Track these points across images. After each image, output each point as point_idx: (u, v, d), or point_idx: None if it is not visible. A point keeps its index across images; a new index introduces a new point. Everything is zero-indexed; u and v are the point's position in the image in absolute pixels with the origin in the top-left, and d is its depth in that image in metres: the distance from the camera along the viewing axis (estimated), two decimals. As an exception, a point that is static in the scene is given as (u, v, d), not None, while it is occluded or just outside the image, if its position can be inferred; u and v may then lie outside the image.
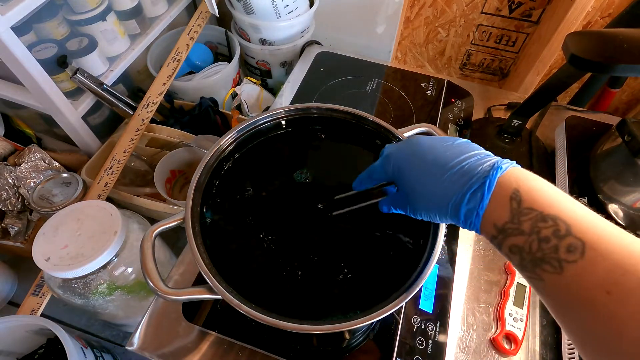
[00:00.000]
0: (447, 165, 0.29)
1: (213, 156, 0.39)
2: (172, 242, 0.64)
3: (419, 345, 0.44)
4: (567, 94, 0.98)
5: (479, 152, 0.29)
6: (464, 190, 0.28)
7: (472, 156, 0.29)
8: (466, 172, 0.28)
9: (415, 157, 0.32)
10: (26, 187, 0.60)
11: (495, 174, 0.27)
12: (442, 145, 0.31)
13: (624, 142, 0.51)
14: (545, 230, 0.24)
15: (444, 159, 0.30)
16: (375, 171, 0.35)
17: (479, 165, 0.28)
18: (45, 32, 0.59)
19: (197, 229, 0.34)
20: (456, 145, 0.31)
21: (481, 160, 0.28)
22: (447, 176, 0.29)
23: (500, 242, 0.27)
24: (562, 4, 0.80)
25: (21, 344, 0.54)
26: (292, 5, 0.78)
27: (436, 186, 0.29)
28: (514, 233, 0.25)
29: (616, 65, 0.43)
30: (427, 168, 0.30)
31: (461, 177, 0.28)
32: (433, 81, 0.74)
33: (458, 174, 0.28)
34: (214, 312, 0.46)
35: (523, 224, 0.25)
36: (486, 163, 0.28)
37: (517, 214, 0.25)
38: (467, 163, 0.28)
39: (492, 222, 0.27)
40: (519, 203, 0.25)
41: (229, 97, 0.85)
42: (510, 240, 0.26)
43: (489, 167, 0.27)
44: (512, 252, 0.26)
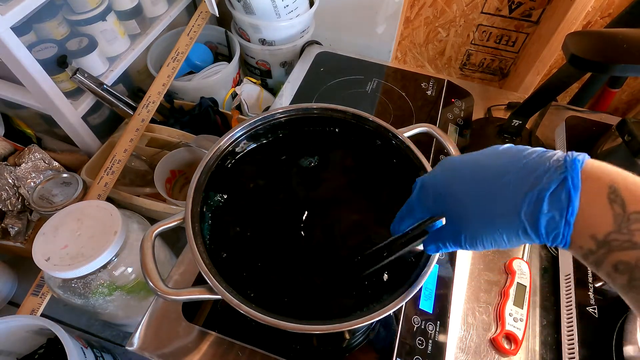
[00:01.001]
0: (502, 169, 0.23)
1: (213, 156, 0.39)
2: (172, 242, 0.64)
3: (419, 345, 0.44)
4: (567, 94, 0.98)
5: (534, 149, 0.23)
6: (537, 190, 0.21)
7: (530, 153, 0.23)
8: (532, 169, 0.22)
9: (458, 174, 0.26)
10: (26, 187, 0.60)
11: (576, 166, 0.20)
12: (484, 154, 0.25)
13: (624, 142, 0.51)
14: None
15: (495, 165, 0.24)
16: (413, 207, 0.29)
17: (546, 159, 0.22)
18: (45, 32, 0.59)
19: (197, 229, 0.34)
20: (501, 149, 0.25)
21: (545, 154, 0.22)
22: (508, 179, 0.22)
23: (600, 259, 0.20)
24: (562, 4, 0.80)
25: (21, 344, 0.54)
26: (292, 5, 0.78)
27: (495, 196, 0.23)
28: (623, 246, 0.19)
29: (616, 65, 0.43)
30: (477, 180, 0.24)
31: (528, 176, 0.22)
32: (433, 81, 0.74)
33: (522, 174, 0.22)
34: (214, 312, 0.46)
35: (635, 234, 0.19)
36: (553, 157, 0.22)
37: (625, 221, 0.19)
38: (528, 160, 0.22)
39: (590, 233, 0.20)
40: (622, 206, 0.19)
41: (229, 97, 0.85)
42: (616, 256, 0.20)
43: (559, 161, 0.21)
44: (619, 271, 0.20)
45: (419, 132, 0.43)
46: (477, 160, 0.25)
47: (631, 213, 0.19)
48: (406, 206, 0.30)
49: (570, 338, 0.44)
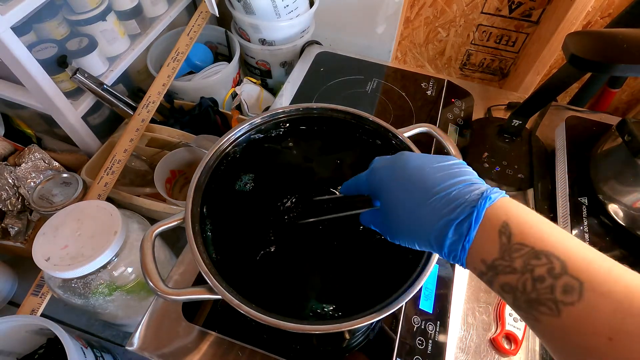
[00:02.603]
0: (433, 189, 0.27)
1: (213, 156, 0.39)
2: (172, 242, 0.64)
3: (419, 345, 0.44)
4: (567, 94, 0.98)
5: (468, 178, 0.27)
6: (449, 219, 0.26)
7: (461, 182, 0.27)
8: (453, 199, 0.26)
9: (401, 175, 0.29)
10: (26, 187, 0.60)
11: (483, 204, 0.25)
12: (431, 166, 0.28)
13: (624, 142, 0.51)
14: (539, 269, 0.22)
15: (431, 181, 0.27)
16: (360, 182, 0.33)
17: (467, 192, 0.26)
18: (45, 32, 0.59)
19: (197, 229, 0.34)
20: (446, 166, 0.28)
21: (470, 187, 0.26)
22: (432, 201, 0.27)
23: (490, 280, 0.25)
24: (562, 4, 0.80)
25: (21, 344, 0.54)
26: (292, 5, 0.78)
27: (419, 211, 0.27)
28: (506, 271, 0.23)
29: (616, 65, 0.43)
30: (411, 190, 0.28)
31: (447, 205, 0.26)
32: (433, 81, 0.74)
33: (444, 201, 0.26)
34: (214, 312, 0.46)
35: (515, 261, 0.23)
36: (475, 191, 0.26)
37: (508, 250, 0.23)
38: (456, 189, 0.26)
39: (480, 258, 0.25)
40: (508, 237, 0.24)
41: (229, 97, 0.85)
42: (501, 279, 0.24)
43: (477, 196, 0.25)
44: (505, 290, 0.24)
45: (419, 132, 0.43)
46: (423, 168, 0.29)
47: (514, 244, 0.23)
48: (355, 179, 0.34)
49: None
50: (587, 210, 0.53)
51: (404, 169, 0.29)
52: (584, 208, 0.54)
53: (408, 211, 0.28)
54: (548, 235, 0.23)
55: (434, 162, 0.29)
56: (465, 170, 0.28)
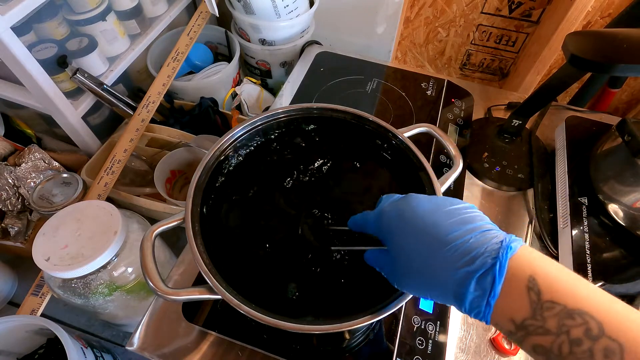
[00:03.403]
0: (447, 237, 0.25)
1: (213, 156, 0.39)
2: (172, 242, 0.64)
3: (419, 345, 0.44)
4: (567, 94, 0.98)
5: (483, 225, 0.25)
6: (468, 271, 0.24)
7: (477, 229, 0.25)
8: (470, 248, 0.24)
9: (411, 220, 0.27)
10: (26, 187, 0.60)
11: (505, 255, 0.23)
12: (443, 210, 0.27)
13: (624, 142, 0.51)
14: (575, 330, 0.20)
15: (444, 227, 0.25)
16: (368, 221, 0.31)
17: (485, 241, 0.24)
18: (45, 32, 0.59)
19: (197, 229, 0.34)
20: (458, 210, 0.26)
21: (486, 234, 0.25)
22: (447, 250, 0.25)
23: (520, 340, 0.23)
24: (562, 4, 0.80)
25: (21, 344, 0.54)
26: (292, 5, 0.78)
27: (433, 261, 0.25)
28: (538, 332, 0.22)
29: (616, 65, 0.43)
30: (423, 236, 0.26)
31: (464, 255, 0.24)
32: (433, 81, 0.74)
33: (461, 250, 0.24)
34: (214, 312, 0.46)
35: (547, 321, 0.21)
36: (493, 239, 0.24)
37: (539, 309, 0.22)
38: (472, 236, 0.25)
39: (509, 317, 0.23)
40: (538, 294, 0.22)
41: (229, 97, 0.85)
42: (533, 340, 0.22)
43: (496, 245, 0.24)
44: (537, 352, 0.22)
45: (419, 132, 0.43)
46: (435, 212, 0.27)
47: (545, 301, 0.22)
48: (362, 217, 0.32)
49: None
50: (587, 210, 0.53)
51: (415, 213, 0.27)
52: (584, 208, 0.54)
53: (421, 259, 0.26)
54: (578, 291, 0.21)
55: (446, 205, 0.27)
56: (478, 215, 0.26)
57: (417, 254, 0.26)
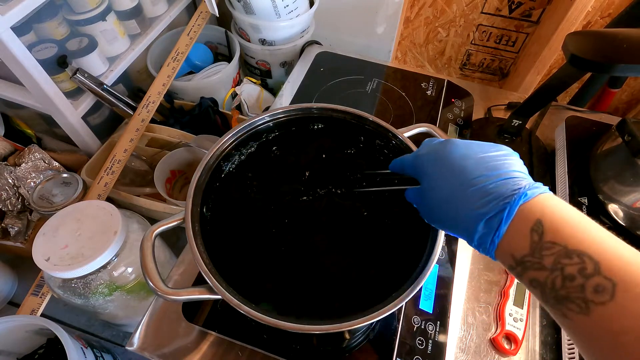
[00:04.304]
0: (472, 179, 0.27)
1: (213, 156, 0.39)
2: (172, 242, 0.64)
3: (419, 345, 0.44)
4: (567, 94, 0.98)
5: (510, 172, 0.27)
6: (481, 212, 0.26)
7: (501, 175, 0.26)
8: (488, 192, 0.26)
9: (443, 163, 0.29)
10: (26, 187, 0.60)
11: (517, 201, 0.25)
12: (476, 157, 0.28)
13: (624, 142, 0.51)
14: (570, 268, 0.22)
15: (470, 172, 0.27)
16: (406, 163, 0.34)
17: (504, 187, 0.26)
18: (45, 32, 0.59)
19: (197, 229, 0.34)
20: (491, 157, 0.28)
21: (508, 181, 0.26)
22: (467, 193, 0.27)
23: (519, 274, 0.25)
24: (562, 4, 0.80)
25: (21, 344, 0.54)
26: (292, 5, 0.78)
27: (453, 201, 0.28)
28: (534, 267, 0.24)
29: (616, 65, 0.43)
30: (450, 179, 0.28)
31: (481, 198, 0.26)
32: (433, 81, 0.74)
33: (479, 193, 0.26)
34: (214, 312, 0.46)
35: (544, 258, 0.23)
36: (512, 186, 0.26)
37: (538, 248, 0.23)
38: (492, 182, 0.26)
39: (510, 253, 0.25)
40: (540, 235, 0.23)
41: (229, 97, 0.85)
42: (530, 274, 0.24)
43: (512, 192, 0.25)
44: (533, 285, 0.24)
45: (419, 132, 0.43)
46: (468, 156, 0.29)
47: (545, 242, 0.23)
48: (401, 159, 0.35)
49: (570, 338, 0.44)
50: (587, 210, 0.53)
51: (447, 158, 0.29)
52: (584, 208, 0.54)
53: (444, 199, 0.29)
54: (584, 234, 0.23)
55: (480, 152, 0.29)
56: (510, 163, 0.28)
57: (444, 194, 0.29)
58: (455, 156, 0.29)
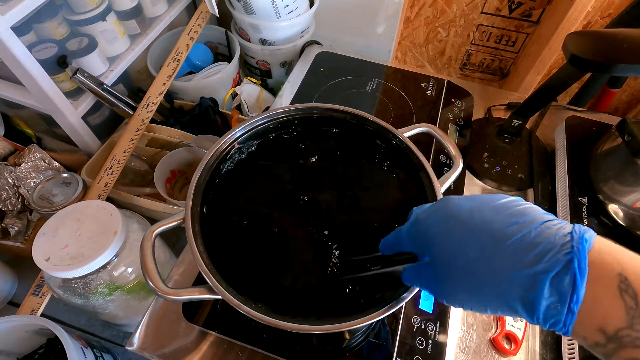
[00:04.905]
0: (504, 231, 0.21)
1: (213, 156, 0.39)
2: (172, 242, 0.64)
3: (419, 345, 0.44)
4: (567, 94, 0.98)
5: (541, 215, 0.21)
6: (536, 270, 0.19)
7: (536, 220, 0.21)
8: (534, 243, 0.20)
9: (455, 222, 0.23)
10: (26, 187, 0.60)
11: (583, 249, 0.19)
12: (491, 206, 0.23)
13: (624, 142, 0.51)
14: None
15: (498, 223, 0.22)
16: (401, 237, 0.28)
17: (551, 233, 0.20)
18: (45, 32, 0.59)
19: (197, 229, 0.34)
20: (507, 204, 0.23)
21: (550, 225, 0.20)
22: (507, 247, 0.21)
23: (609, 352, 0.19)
24: (562, 4, 0.80)
25: (21, 344, 0.54)
26: (292, 5, 0.78)
27: (490, 263, 0.21)
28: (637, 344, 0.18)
29: (616, 65, 0.43)
30: (474, 236, 0.22)
31: (529, 251, 0.20)
32: (433, 81, 0.74)
33: (522, 246, 0.20)
34: (214, 312, 0.46)
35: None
36: (560, 230, 0.20)
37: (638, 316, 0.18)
38: (532, 229, 0.21)
39: (598, 327, 0.19)
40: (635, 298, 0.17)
41: (229, 97, 0.85)
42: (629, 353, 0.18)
43: (565, 238, 0.19)
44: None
45: (419, 132, 0.43)
46: (481, 210, 0.23)
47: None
48: (395, 235, 0.29)
49: (570, 338, 0.44)
50: (587, 210, 0.53)
51: (459, 212, 0.24)
52: (584, 208, 0.54)
53: (474, 263, 0.22)
54: None
55: (490, 201, 0.24)
56: (531, 207, 0.22)
57: (469, 257, 0.22)
58: (467, 208, 0.24)
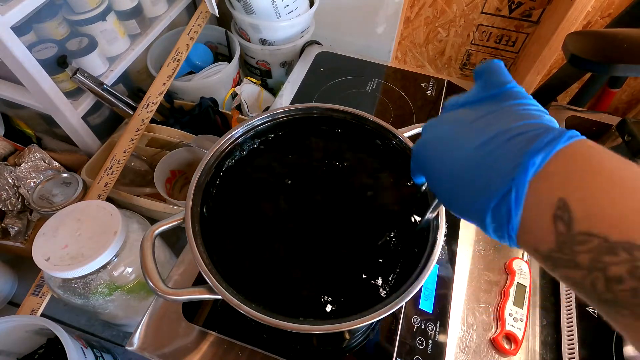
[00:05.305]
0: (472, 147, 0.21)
1: (213, 156, 0.39)
2: (172, 242, 0.64)
3: (419, 345, 0.44)
4: (567, 94, 0.98)
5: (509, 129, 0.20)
6: (483, 201, 0.20)
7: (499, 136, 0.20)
8: (490, 166, 0.20)
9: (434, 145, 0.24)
10: (26, 187, 0.60)
11: (524, 178, 0.18)
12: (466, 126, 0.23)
13: (624, 142, 0.51)
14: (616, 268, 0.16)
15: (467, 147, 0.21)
16: (413, 169, 0.29)
17: (505, 154, 0.19)
18: (45, 32, 0.59)
19: (197, 229, 0.34)
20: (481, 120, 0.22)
21: (512, 142, 0.19)
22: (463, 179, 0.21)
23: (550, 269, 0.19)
24: (562, 4, 0.80)
25: (21, 344, 0.54)
26: (292, 5, 0.78)
27: (452, 182, 0.22)
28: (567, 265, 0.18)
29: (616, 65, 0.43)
30: (444, 166, 0.23)
31: (483, 175, 0.20)
32: (433, 81, 0.74)
33: (483, 168, 0.20)
34: (214, 312, 0.46)
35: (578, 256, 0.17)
36: (521, 145, 0.19)
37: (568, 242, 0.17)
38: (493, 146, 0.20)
39: (533, 248, 0.19)
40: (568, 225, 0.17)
41: (229, 97, 0.85)
42: (562, 272, 0.18)
43: (516, 162, 0.18)
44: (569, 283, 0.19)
45: (419, 132, 0.43)
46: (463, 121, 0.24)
47: (577, 234, 0.17)
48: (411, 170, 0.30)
49: (570, 338, 0.44)
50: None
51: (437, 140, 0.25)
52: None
53: (447, 192, 0.23)
54: (632, 217, 0.16)
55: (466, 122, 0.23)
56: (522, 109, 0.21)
57: (443, 187, 0.24)
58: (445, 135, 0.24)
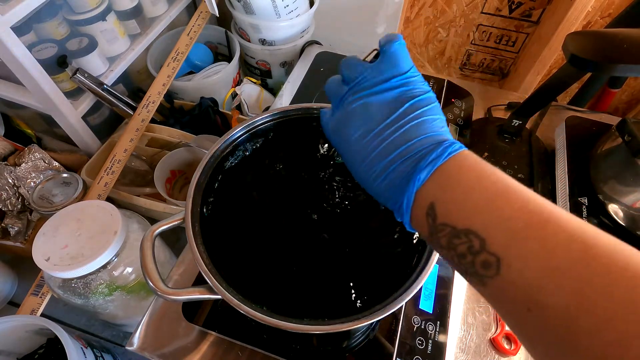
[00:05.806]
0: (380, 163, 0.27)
1: (213, 156, 0.39)
2: (172, 242, 0.64)
3: (419, 345, 0.44)
4: (567, 94, 0.98)
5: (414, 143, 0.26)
6: (390, 203, 0.27)
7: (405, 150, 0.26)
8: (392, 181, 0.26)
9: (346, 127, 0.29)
10: (26, 187, 0.60)
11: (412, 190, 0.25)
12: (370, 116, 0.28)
13: (624, 142, 0.51)
14: (461, 247, 0.23)
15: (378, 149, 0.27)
16: None
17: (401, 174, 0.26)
18: (45, 32, 0.59)
19: (197, 229, 0.34)
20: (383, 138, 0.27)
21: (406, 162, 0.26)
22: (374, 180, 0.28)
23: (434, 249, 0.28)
24: (562, 4, 0.80)
25: (21, 344, 0.54)
26: (292, 5, 0.78)
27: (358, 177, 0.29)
28: (437, 246, 0.25)
29: (616, 65, 0.43)
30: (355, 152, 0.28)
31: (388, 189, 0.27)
32: (433, 81, 0.74)
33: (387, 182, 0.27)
34: (214, 312, 0.46)
35: (440, 239, 0.24)
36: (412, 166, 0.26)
37: (434, 231, 0.25)
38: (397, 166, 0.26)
39: (419, 233, 0.27)
40: (434, 219, 0.25)
41: (229, 97, 0.85)
42: (437, 251, 0.26)
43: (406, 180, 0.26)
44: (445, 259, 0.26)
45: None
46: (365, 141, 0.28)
47: (438, 225, 0.25)
48: None
49: None
50: (587, 210, 0.53)
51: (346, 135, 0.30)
52: (584, 208, 0.54)
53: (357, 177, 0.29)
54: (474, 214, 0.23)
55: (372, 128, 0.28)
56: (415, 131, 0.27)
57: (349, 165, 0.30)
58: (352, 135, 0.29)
